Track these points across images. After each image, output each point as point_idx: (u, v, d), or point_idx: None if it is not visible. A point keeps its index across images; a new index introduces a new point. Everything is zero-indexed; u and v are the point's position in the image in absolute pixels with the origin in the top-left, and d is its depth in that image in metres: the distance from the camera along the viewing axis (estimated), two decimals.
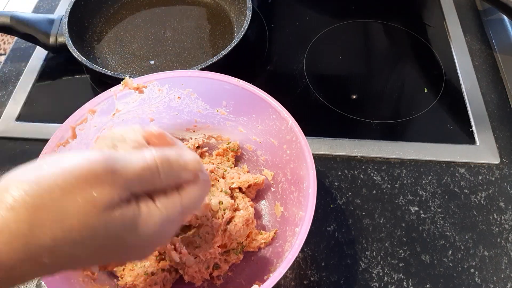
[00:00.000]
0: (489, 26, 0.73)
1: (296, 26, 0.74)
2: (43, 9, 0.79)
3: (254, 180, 0.48)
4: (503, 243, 0.50)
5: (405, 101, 0.64)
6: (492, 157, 0.57)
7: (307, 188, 0.41)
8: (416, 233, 0.51)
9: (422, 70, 0.68)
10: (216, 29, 0.71)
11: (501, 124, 0.60)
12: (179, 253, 0.42)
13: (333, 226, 0.51)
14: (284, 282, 0.47)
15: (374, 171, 0.56)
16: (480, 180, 0.55)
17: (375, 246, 0.50)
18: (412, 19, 0.75)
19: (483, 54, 0.69)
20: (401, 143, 0.58)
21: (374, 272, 0.48)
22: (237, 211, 0.46)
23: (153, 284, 0.42)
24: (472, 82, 0.65)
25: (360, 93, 0.65)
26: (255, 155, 0.51)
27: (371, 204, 0.53)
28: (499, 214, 0.52)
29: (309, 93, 0.64)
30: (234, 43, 0.60)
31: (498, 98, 0.63)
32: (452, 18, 0.74)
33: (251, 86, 0.46)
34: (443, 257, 0.49)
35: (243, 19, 0.65)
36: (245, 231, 0.45)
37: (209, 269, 0.44)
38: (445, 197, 0.54)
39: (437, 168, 0.56)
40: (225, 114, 0.50)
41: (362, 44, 0.73)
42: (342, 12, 0.76)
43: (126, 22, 0.73)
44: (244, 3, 0.68)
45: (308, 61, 0.68)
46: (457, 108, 0.62)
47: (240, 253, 0.46)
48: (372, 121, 0.61)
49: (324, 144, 0.58)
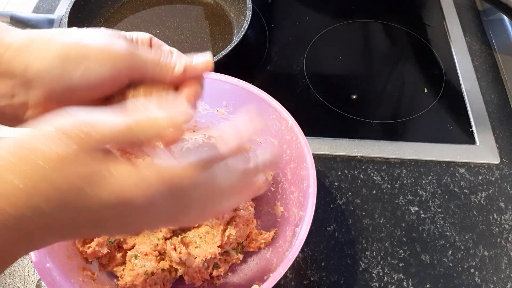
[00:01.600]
0: (489, 26, 0.73)
1: (296, 26, 0.74)
2: (43, 9, 0.79)
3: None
4: (503, 243, 0.50)
5: (405, 101, 0.64)
6: (492, 157, 0.57)
7: (307, 188, 0.41)
8: (416, 233, 0.51)
9: (422, 70, 0.68)
10: (216, 29, 0.71)
11: (501, 124, 0.60)
12: (179, 253, 0.42)
13: (333, 226, 0.51)
14: (284, 282, 0.47)
15: (374, 171, 0.56)
16: (480, 180, 0.55)
17: (375, 246, 0.50)
18: (412, 19, 0.75)
19: (483, 54, 0.69)
20: (401, 143, 0.58)
21: (374, 272, 0.48)
22: (237, 211, 0.46)
23: (153, 284, 0.42)
24: (472, 82, 0.65)
25: (360, 93, 0.65)
26: None
27: (371, 204, 0.53)
28: (499, 214, 0.52)
29: (309, 93, 0.64)
30: (234, 43, 0.60)
31: (498, 98, 0.63)
32: (452, 18, 0.74)
33: (251, 86, 0.46)
34: (443, 257, 0.49)
35: (243, 19, 0.65)
36: (245, 231, 0.45)
37: (209, 269, 0.44)
38: (445, 197, 0.54)
39: (437, 168, 0.56)
40: (225, 114, 0.50)
41: (362, 44, 0.73)
42: (342, 12, 0.76)
43: (126, 22, 0.73)
44: (244, 3, 0.68)
45: (308, 61, 0.68)
46: (457, 108, 0.62)
47: (240, 253, 0.46)
48: (372, 121, 0.61)
49: (324, 144, 0.58)
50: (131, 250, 0.43)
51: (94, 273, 0.42)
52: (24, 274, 0.48)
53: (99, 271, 0.43)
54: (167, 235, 0.43)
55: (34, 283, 0.47)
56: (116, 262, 0.43)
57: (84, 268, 0.42)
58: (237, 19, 0.71)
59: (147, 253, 0.42)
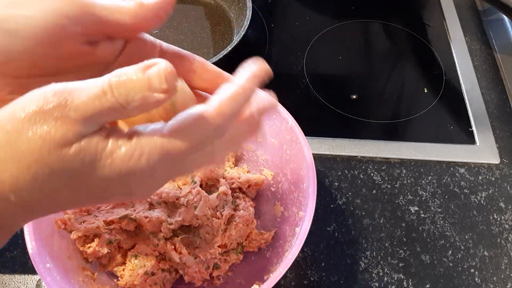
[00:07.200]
0: (489, 26, 0.73)
1: (296, 26, 0.74)
2: None
3: (254, 180, 0.48)
4: (503, 243, 0.50)
5: (405, 101, 0.64)
6: (492, 157, 0.57)
7: (307, 188, 0.41)
8: (416, 233, 0.51)
9: (422, 70, 0.68)
10: (216, 29, 0.71)
11: (501, 124, 0.60)
12: (179, 253, 0.42)
13: (333, 226, 0.51)
14: (284, 282, 0.47)
15: (374, 171, 0.56)
16: (480, 180, 0.55)
17: (375, 246, 0.50)
18: (412, 19, 0.75)
19: (483, 54, 0.69)
20: (401, 143, 0.58)
21: (374, 272, 0.48)
22: (237, 211, 0.46)
23: (153, 284, 0.42)
24: (472, 82, 0.65)
25: (360, 93, 0.65)
26: (255, 155, 0.51)
27: (371, 204, 0.53)
28: (499, 214, 0.52)
29: (309, 93, 0.64)
30: (234, 43, 0.60)
31: (498, 98, 0.63)
32: (452, 18, 0.74)
33: None
34: (443, 257, 0.49)
35: (243, 19, 0.65)
36: (245, 231, 0.45)
37: (209, 269, 0.44)
38: (445, 197, 0.54)
39: (437, 168, 0.56)
40: None
41: (362, 44, 0.73)
42: (342, 12, 0.76)
43: None
44: (244, 3, 0.68)
45: (308, 61, 0.68)
46: (457, 108, 0.62)
47: (240, 253, 0.46)
48: (372, 121, 0.61)
49: (324, 144, 0.58)
50: (131, 250, 0.43)
51: (94, 273, 0.42)
52: (24, 274, 0.48)
53: (99, 271, 0.43)
54: (167, 235, 0.43)
55: (34, 283, 0.47)
56: (116, 262, 0.43)
57: (84, 268, 0.42)
58: (237, 19, 0.71)
59: (147, 253, 0.42)
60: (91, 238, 0.42)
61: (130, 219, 0.42)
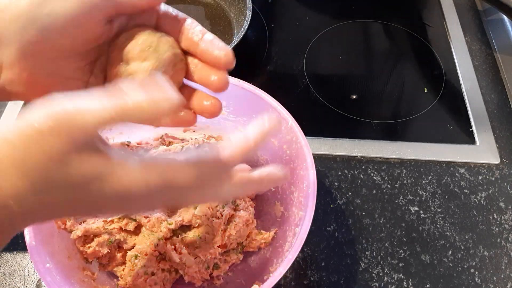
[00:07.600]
0: (489, 26, 0.73)
1: (296, 26, 0.74)
2: None
3: None
4: (503, 243, 0.50)
5: (405, 101, 0.64)
6: (492, 157, 0.57)
7: (307, 188, 0.41)
8: (416, 233, 0.51)
9: (422, 70, 0.68)
10: (216, 29, 0.71)
11: (501, 124, 0.60)
12: (179, 253, 0.42)
13: (333, 226, 0.51)
14: (284, 282, 0.47)
15: (374, 171, 0.56)
16: (480, 180, 0.55)
17: (375, 246, 0.50)
18: (412, 19, 0.75)
19: (483, 54, 0.69)
20: (401, 143, 0.58)
21: (374, 272, 0.48)
22: (237, 211, 0.46)
23: (153, 284, 0.42)
24: (472, 82, 0.65)
25: (360, 93, 0.65)
26: (255, 155, 0.51)
27: (371, 204, 0.53)
28: (499, 214, 0.52)
29: (309, 93, 0.64)
30: (234, 43, 0.60)
31: (498, 98, 0.63)
32: (452, 18, 0.74)
33: (251, 86, 0.46)
34: (443, 257, 0.49)
35: (243, 19, 0.65)
36: (245, 231, 0.45)
37: (209, 269, 0.44)
38: (445, 197, 0.54)
39: (437, 168, 0.56)
40: (225, 114, 0.50)
41: (362, 44, 0.73)
42: (342, 12, 0.76)
43: None
44: (244, 3, 0.68)
45: (308, 61, 0.68)
46: (457, 108, 0.62)
47: (240, 253, 0.46)
48: (372, 121, 0.61)
49: (324, 144, 0.58)
50: (131, 250, 0.43)
51: (94, 273, 0.42)
52: (24, 274, 0.48)
53: (99, 271, 0.43)
54: (167, 235, 0.43)
55: (34, 283, 0.47)
56: (116, 262, 0.43)
57: (84, 268, 0.42)
58: (237, 19, 0.71)
59: (147, 253, 0.42)
60: (91, 238, 0.42)
61: (130, 219, 0.42)
